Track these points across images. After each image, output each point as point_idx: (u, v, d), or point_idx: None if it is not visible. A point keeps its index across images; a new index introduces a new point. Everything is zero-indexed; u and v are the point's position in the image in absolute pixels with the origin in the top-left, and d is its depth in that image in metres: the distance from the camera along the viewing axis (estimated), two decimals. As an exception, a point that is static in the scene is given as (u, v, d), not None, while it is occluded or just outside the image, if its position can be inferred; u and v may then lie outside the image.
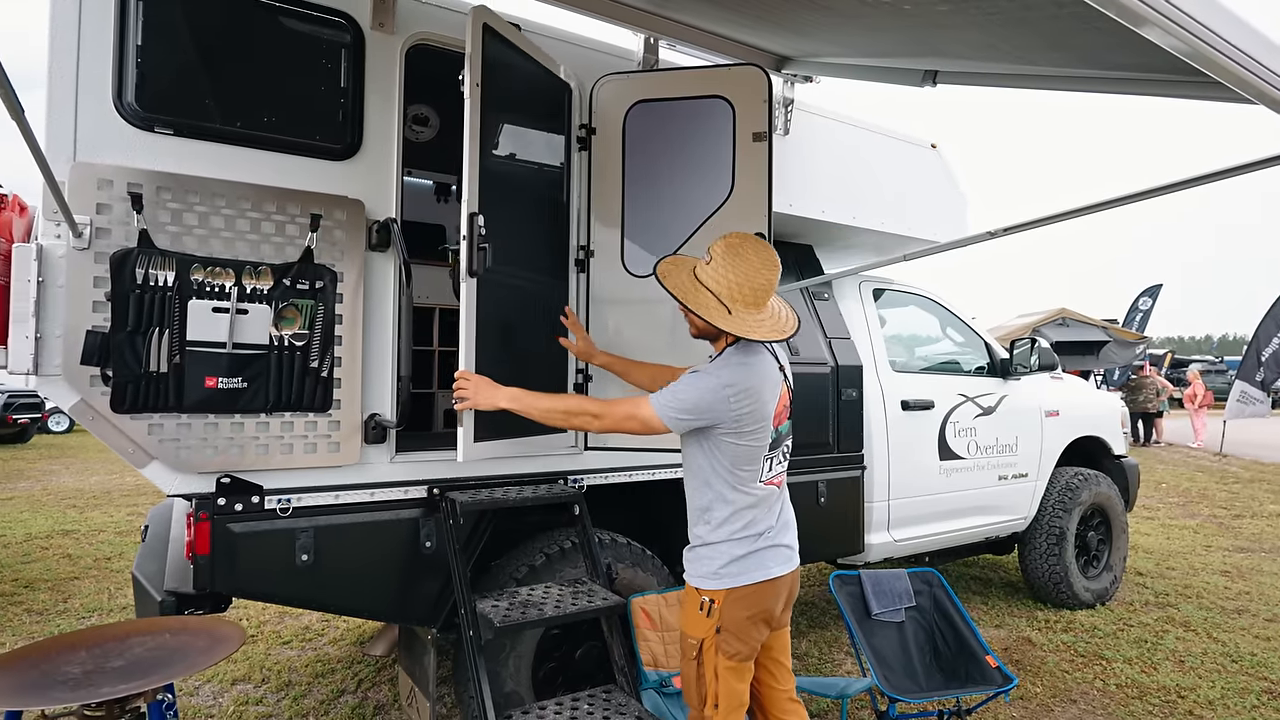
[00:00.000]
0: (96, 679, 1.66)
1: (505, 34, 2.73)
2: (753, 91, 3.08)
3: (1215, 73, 1.65)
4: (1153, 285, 20.01)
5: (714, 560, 2.15)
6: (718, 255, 2.14)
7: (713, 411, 2.06)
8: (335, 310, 2.52)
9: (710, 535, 2.17)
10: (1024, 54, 2.22)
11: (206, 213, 2.35)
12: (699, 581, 2.18)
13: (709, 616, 2.12)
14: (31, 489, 9.80)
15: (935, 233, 4.44)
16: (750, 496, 2.15)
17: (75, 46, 2.22)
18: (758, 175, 3.08)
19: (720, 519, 2.15)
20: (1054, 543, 4.98)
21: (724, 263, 2.12)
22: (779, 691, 2.33)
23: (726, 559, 2.14)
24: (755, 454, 2.13)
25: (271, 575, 2.43)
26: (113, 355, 2.18)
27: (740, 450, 2.11)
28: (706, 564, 2.17)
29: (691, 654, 2.16)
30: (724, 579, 2.13)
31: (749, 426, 2.09)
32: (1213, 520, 8.45)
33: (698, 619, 2.15)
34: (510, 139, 3.10)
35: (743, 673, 2.18)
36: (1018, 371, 4.80)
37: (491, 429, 2.57)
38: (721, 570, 2.14)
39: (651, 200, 3.19)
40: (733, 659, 2.13)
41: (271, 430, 2.43)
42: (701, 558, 2.19)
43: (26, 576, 5.75)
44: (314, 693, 3.81)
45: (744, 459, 2.12)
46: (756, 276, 2.10)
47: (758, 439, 2.12)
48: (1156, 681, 4.00)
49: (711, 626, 2.12)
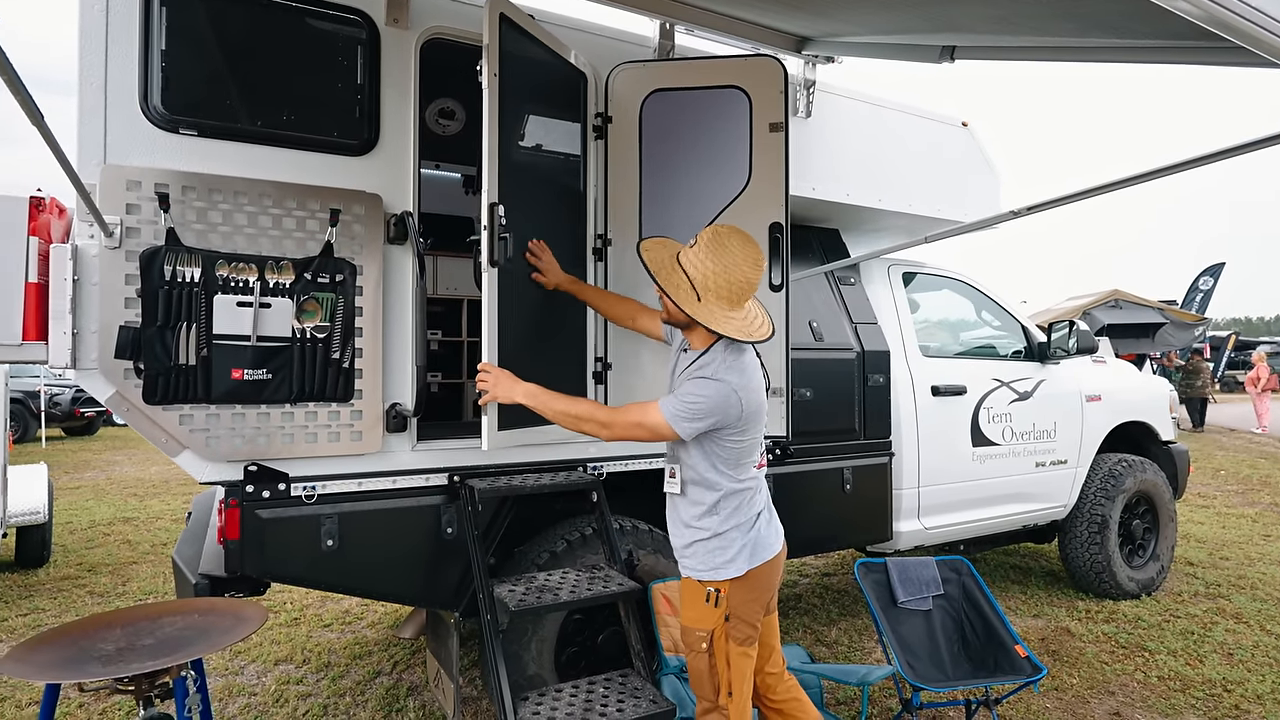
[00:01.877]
0: (128, 655, 1.75)
1: (522, 24, 2.75)
2: (769, 82, 3.09)
3: (1235, 36, 1.58)
4: (1214, 264, 19.15)
5: (726, 550, 2.16)
6: (701, 242, 2.13)
7: (724, 415, 2.07)
8: (355, 303, 2.59)
9: (720, 526, 2.17)
10: (1038, 24, 2.15)
11: (230, 210, 2.43)
12: (712, 574, 2.17)
13: (716, 606, 2.13)
14: (97, 478, 10.31)
15: (967, 213, 4.33)
16: (747, 483, 2.19)
17: (103, 54, 2.31)
18: (775, 165, 3.08)
19: (729, 509, 2.17)
20: (1096, 531, 4.84)
21: (706, 251, 2.10)
22: (770, 675, 2.36)
23: (738, 546, 2.16)
24: (754, 446, 2.18)
25: (298, 560, 2.52)
26: (144, 349, 2.28)
27: (743, 445, 2.14)
28: (719, 555, 2.17)
29: (700, 646, 2.16)
30: (738, 564, 2.15)
31: (753, 423, 2.13)
32: (1274, 509, 8.09)
33: (704, 611, 2.16)
34: (529, 128, 3.15)
35: (752, 657, 2.21)
36: (1056, 355, 4.67)
37: (516, 418, 2.61)
38: (736, 557, 2.15)
39: (668, 190, 3.19)
40: (743, 644, 2.16)
41: (296, 420, 2.51)
42: (713, 549, 2.18)
43: (90, 561, 6.07)
44: (351, 673, 3.94)
45: (746, 452, 2.16)
46: (735, 271, 2.08)
47: (757, 431, 2.17)
48: (1202, 674, 3.87)
49: (720, 616, 2.14)
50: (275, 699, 3.63)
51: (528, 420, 2.69)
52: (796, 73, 3.72)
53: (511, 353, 2.56)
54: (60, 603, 5.06)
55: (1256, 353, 17.78)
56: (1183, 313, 16.66)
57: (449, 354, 4.62)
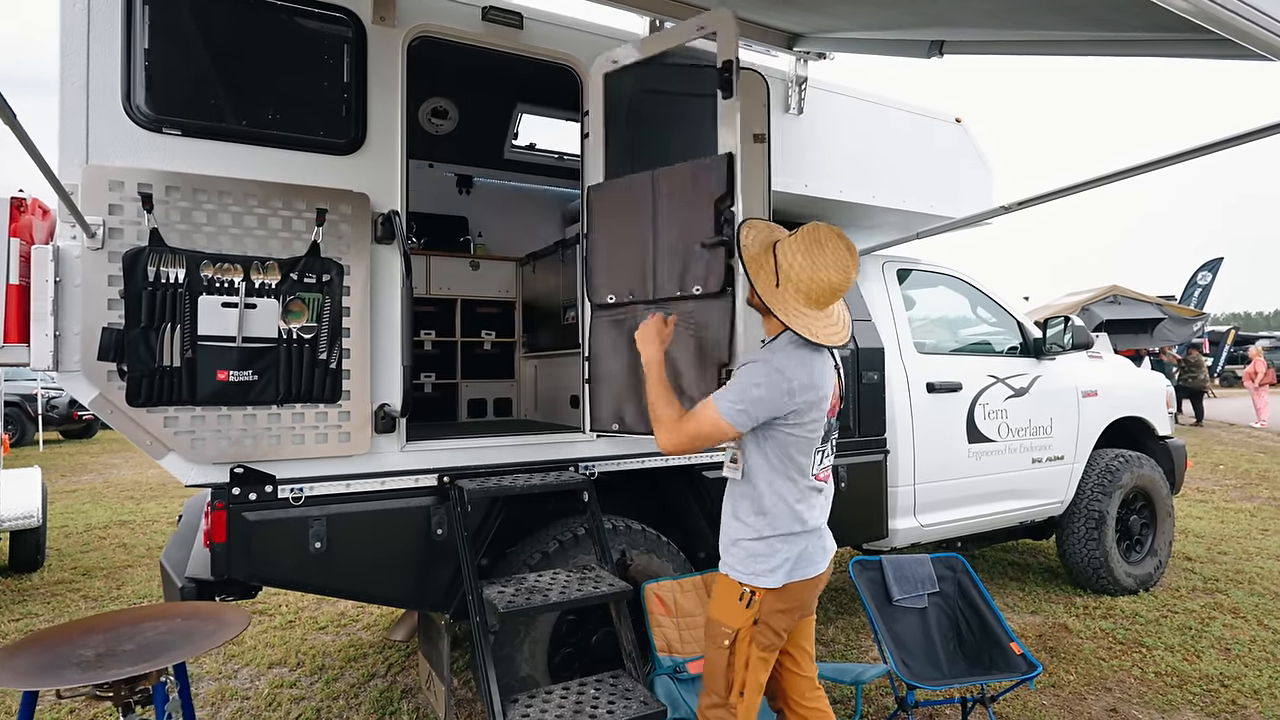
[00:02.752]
0: (108, 661, 1.74)
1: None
2: (752, 94, 3.21)
3: (1223, 29, 1.56)
4: (1213, 259, 19.16)
5: (769, 558, 2.09)
6: (800, 235, 2.11)
7: (772, 398, 2.01)
8: (343, 303, 2.57)
9: (766, 530, 2.10)
10: (1026, 18, 2.13)
11: (215, 210, 2.41)
12: (748, 577, 2.10)
13: (748, 608, 2.08)
14: (94, 481, 10.29)
15: (961, 209, 4.31)
16: (801, 490, 2.12)
17: (85, 53, 2.29)
18: (758, 175, 3.21)
19: (777, 514, 2.10)
20: (1093, 527, 4.82)
21: (800, 245, 2.08)
22: (803, 679, 2.30)
23: (781, 558, 2.09)
24: (809, 446, 2.11)
25: (285, 562, 2.50)
26: (127, 351, 2.26)
27: (797, 442, 2.08)
28: (760, 561, 2.10)
29: (723, 642, 2.12)
30: (776, 575, 2.08)
31: (807, 417, 2.06)
32: (1273, 503, 8.07)
33: (736, 609, 2.11)
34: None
35: (770, 663, 2.17)
36: (1051, 351, 4.65)
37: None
38: (776, 568, 2.09)
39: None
40: (765, 650, 2.12)
41: (283, 421, 2.49)
42: (754, 554, 2.11)
43: (85, 564, 6.05)
44: (346, 676, 3.92)
45: (799, 450, 2.09)
46: (821, 271, 2.05)
47: (813, 430, 2.10)
48: (1199, 670, 3.85)
49: (750, 618, 2.09)
50: (268, 702, 3.61)
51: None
52: (788, 69, 3.70)
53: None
54: (54, 607, 5.04)
55: (1253, 348, 17.80)
56: (1181, 308, 16.68)
57: (443, 355, 4.60)
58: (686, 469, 3.35)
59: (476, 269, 4.69)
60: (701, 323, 2.72)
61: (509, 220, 5.26)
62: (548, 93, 4.59)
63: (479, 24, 2.95)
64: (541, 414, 4.36)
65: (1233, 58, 1.89)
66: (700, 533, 3.47)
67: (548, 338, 4.33)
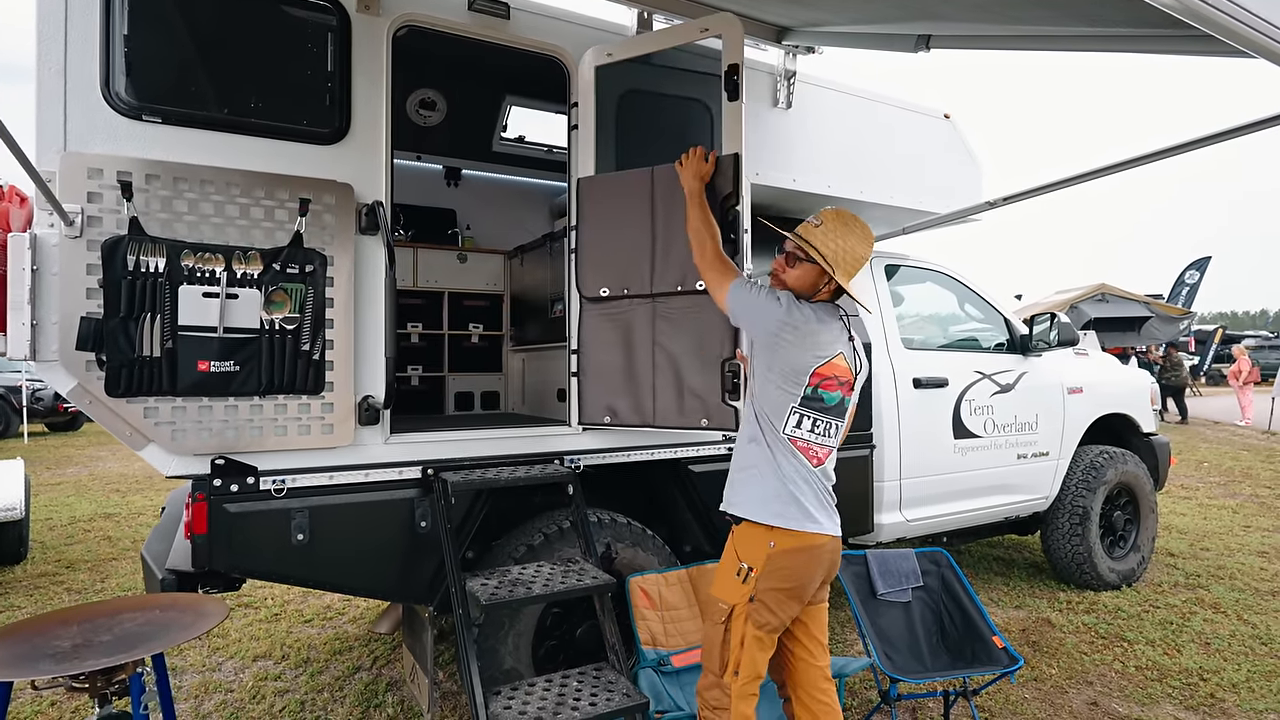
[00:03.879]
0: (84, 652, 1.72)
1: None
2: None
3: (1207, 26, 1.56)
4: (1201, 258, 19.31)
5: (749, 486, 2.21)
6: (828, 220, 2.27)
7: (767, 308, 2.21)
8: (326, 294, 2.55)
9: (753, 461, 2.21)
10: (1012, 12, 2.14)
11: (196, 199, 2.38)
12: (734, 507, 2.23)
13: (744, 584, 2.13)
14: (79, 474, 10.21)
15: (949, 205, 4.32)
16: (775, 445, 2.18)
17: (63, 38, 2.26)
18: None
19: (760, 454, 2.20)
20: (1077, 523, 4.86)
21: (835, 229, 2.24)
22: (815, 668, 2.29)
23: (758, 489, 2.18)
24: (787, 400, 2.17)
25: (267, 554, 2.48)
26: (106, 341, 2.24)
27: (778, 378, 2.18)
28: (739, 490, 2.24)
29: (720, 618, 2.17)
30: (757, 510, 2.16)
31: (791, 349, 2.16)
32: (1255, 500, 8.16)
33: (733, 584, 2.16)
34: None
35: (767, 645, 2.17)
36: (1037, 348, 4.67)
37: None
38: (758, 502, 2.17)
39: None
40: (761, 629, 2.13)
41: (265, 413, 2.47)
42: (734, 484, 2.26)
43: (69, 557, 6.00)
44: (330, 669, 3.91)
45: (783, 400, 2.17)
46: (860, 248, 2.26)
47: (797, 376, 2.17)
48: (1179, 664, 3.89)
49: (746, 594, 2.13)
50: (252, 695, 3.60)
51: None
52: (777, 63, 3.70)
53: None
54: (37, 600, 5.00)
55: (1238, 347, 17.95)
56: (1168, 306, 16.80)
57: (430, 348, 4.58)
58: (673, 463, 3.35)
59: (464, 262, 4.67)
60: (706, 319, 2.74)
61: (497, 213, 5.24)
62: (537, 85, 4.57)
63: (465, 14, 2.93)
64: (529, 408, 4.36)
65: (1217, 54, 1.90)
66: (686, 526, 3.47)
67: (535, 331, 4.31)
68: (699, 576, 3.28)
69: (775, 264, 2.39)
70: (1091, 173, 2.31)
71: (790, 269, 2.31)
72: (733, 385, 2.75)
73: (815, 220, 2.29)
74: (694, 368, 2.82)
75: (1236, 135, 1.94)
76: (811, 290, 2.28)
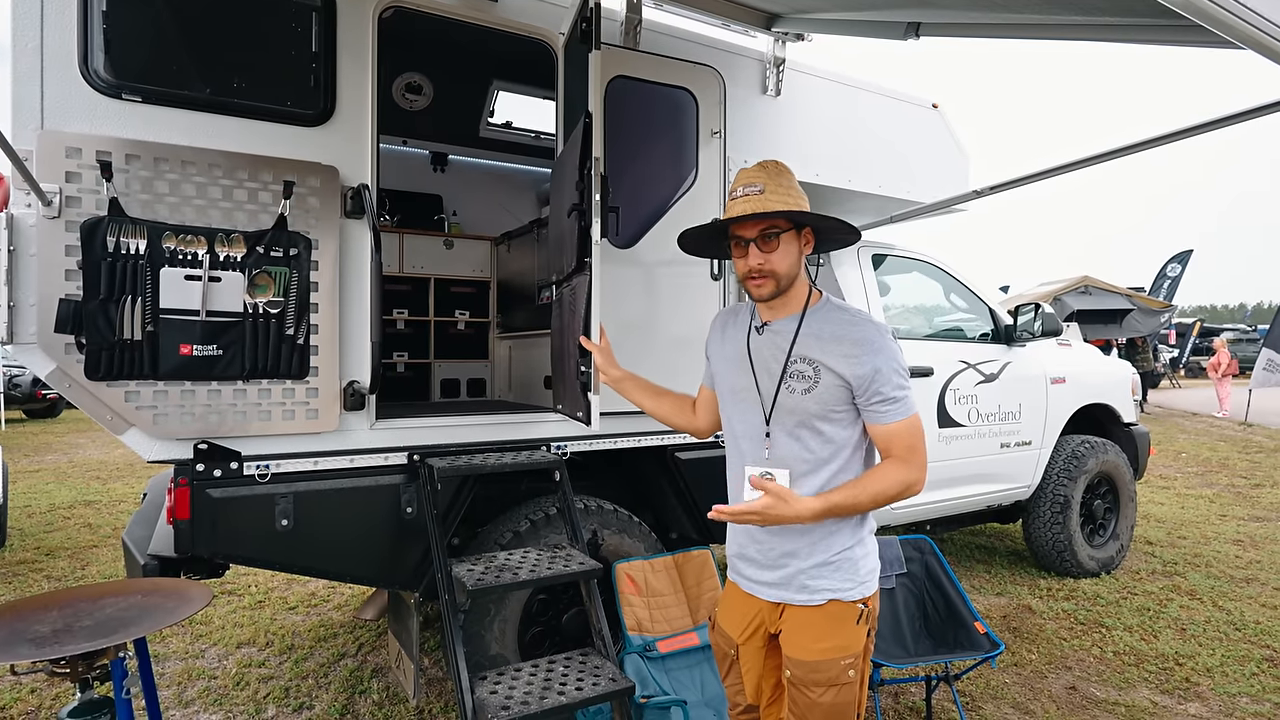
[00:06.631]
0: (64, 637, 1.70)
1: None
2: (710, 91, 3.42)
3: (1194, 15, 1.57)
4: (1182, 251, 19.51)
5: (867, 561, 1.77)
6: (773, 177, 1.72)
7: None
8: (311, 277, 2.52)
9: (859, 531, 1.77)
10: (1003, 0, 2.14)
11: (178, 180, 2.35)
12: (857, 592, 1.74)
13: (865, 623, 1.74)
14: (58, 461, 10.07)
15: (937, 194, 4.33)
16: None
17: (39, 13, 2.21)
18: (715, 169, 3.42)
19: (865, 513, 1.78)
20: (1058, 511, 4.92)
21: (791, 184, 1.74)
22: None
23: (875, 557, 1.81)
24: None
25: (250, 539, 2.46)
26: (86, 323, 2.20)
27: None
28: (862, 566, 1.76)
29: (850, 675, 1.70)
30: (875, 578, 1.80)
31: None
32: (1230, 490, 8.29)
33: (856, 633, 1.72)
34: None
35: None
36: (1021, 338, 4.71)
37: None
38: (875, 568, 1.80)
39: (626, 175, 3.18)
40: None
41: (249, 397, 2.45)
42: (855, 560, 1.75)
43: (48, 545, 5.93)
44: (315, 656, 3.90)
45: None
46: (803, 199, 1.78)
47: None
48: (1155, 649, 3.96)
49: (865, 633, 1.74)
50: (236, 682, 3.58)
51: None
52: (766, 50, 3.68)
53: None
54: (15, 587, 4.94)
55: (1218, 339, 18.19)
56: (1150, 299, 16.98)
57: (416, 334, 4.55)
58: (659, 450, 3.36)
59: (451, 248, 4.64)
60: (573, 299, 2.60)
61: (484, 199, 5.21)
62: (525, 69, 4.53)
63: (453, -5, 2.89)
64: (516, 394, 4.34)
65: (1206, 45, 1.91)
66: (672, 513, 3.48)
67: (522, 318, 4.30)
68: (685, 563, 3.30)
69: (751, 261, 1.74)
70: (1078, 162, 2.32)
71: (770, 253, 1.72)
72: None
73: (753, 186, 1.71)
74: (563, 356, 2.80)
75: (1223, 125, 1.96)
76: (796, 294, 1.80)
